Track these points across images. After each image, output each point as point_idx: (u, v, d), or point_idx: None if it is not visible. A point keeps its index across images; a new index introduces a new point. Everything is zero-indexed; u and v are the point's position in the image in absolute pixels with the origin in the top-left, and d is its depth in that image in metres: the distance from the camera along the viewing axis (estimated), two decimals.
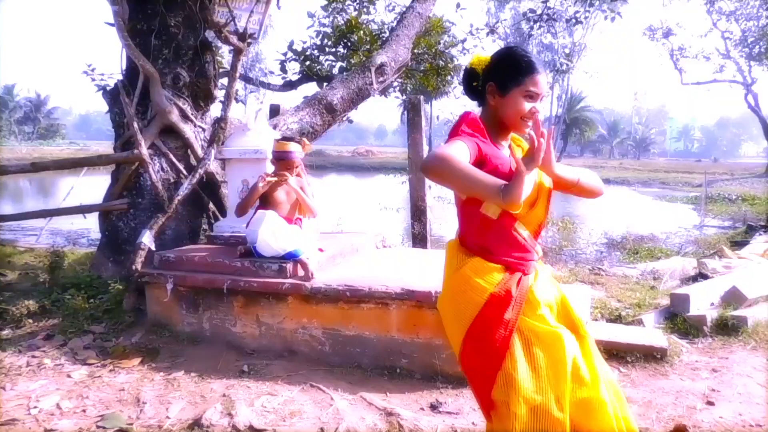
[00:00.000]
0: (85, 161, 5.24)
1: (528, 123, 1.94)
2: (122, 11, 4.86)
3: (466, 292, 1.93)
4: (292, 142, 4.04)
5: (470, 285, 1.93)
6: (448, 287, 2.03)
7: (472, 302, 1.92)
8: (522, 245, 1.96)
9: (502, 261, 1.94)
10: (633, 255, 9.18)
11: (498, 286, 1.90)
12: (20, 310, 4.31)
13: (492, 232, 1.94)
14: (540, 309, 1.93)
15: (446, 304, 2.04)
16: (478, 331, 1.91)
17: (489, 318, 1.89)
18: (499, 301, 1.89)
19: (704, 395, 3.30)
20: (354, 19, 9.84)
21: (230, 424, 2.89)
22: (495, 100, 1.96)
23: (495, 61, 1.98)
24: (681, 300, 4.55)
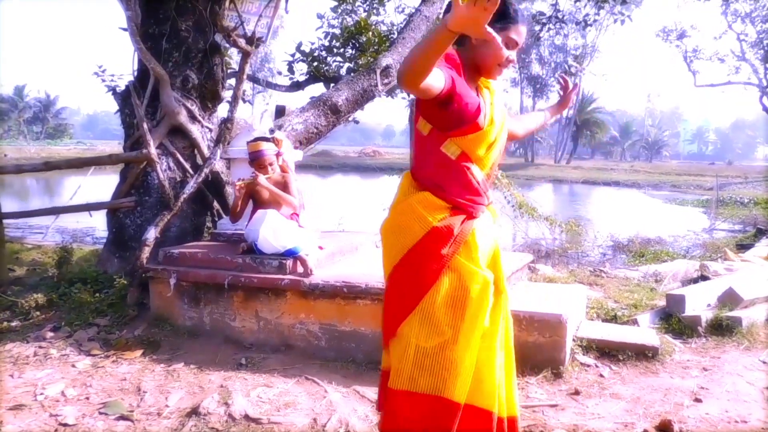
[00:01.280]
0: (95, 160, 5.38)
1: (502, 70, 1.99)
2: (135, 16, 4.99)
3: (409, 222, 1.97)
4: (263, 141, 4.19)
5: (414, 215, 1.96)
6: (393, 214, 2.07)
7: (412, 232, 1.96)
8: (475, 188, 2.00)
9: (453, 200, 1.97)
10: (639, 258, 9.19)
11: (441, 221, 1.94)
12: (28, 303, 4.45)
13: (447, 171, 1.98)
14: (476, 252, 1.97)
15: (387, 230, 2.07)
16: (412, 260, 1.96)
17: (425, 250, 1.94)
18: (440, 235, 1.93)
19: (692, 392, 3.36)
20: (363, 21, 9.92)
21: (226, 413, 2.99)
22: (477, 40, 1.93)
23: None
24: (676, 300, 4.59)
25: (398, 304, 2.01)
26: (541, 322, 3.60)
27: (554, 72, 47.32)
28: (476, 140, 1.96)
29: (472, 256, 1.96)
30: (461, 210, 1.98)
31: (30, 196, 21.94)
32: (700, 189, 28.81)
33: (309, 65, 9.96)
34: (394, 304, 2.03)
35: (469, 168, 1.98)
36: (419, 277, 1.94)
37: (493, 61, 1.96)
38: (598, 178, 36.28)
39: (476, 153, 1.98)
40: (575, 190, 30.44)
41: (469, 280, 1.94)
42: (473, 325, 1.92)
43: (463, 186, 1.98)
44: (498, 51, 1.93)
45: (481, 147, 1.98)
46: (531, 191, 22.96)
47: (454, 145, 1.94)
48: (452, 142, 1.95)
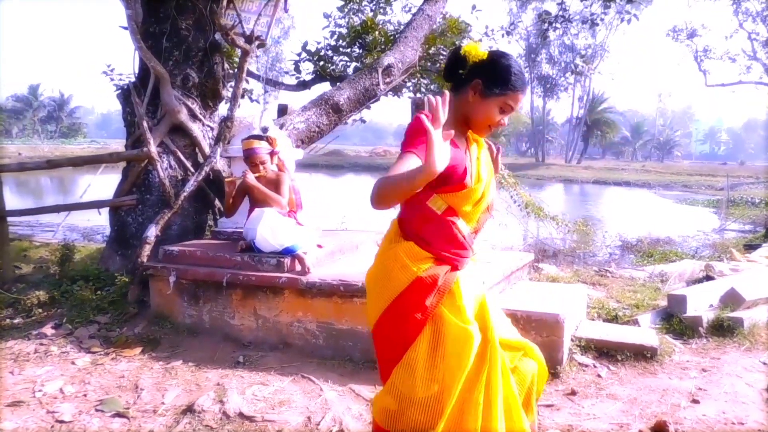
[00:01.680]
0: (97, 158, 5.42)
1: (491, 130, 1.99)
2: (136, 15, 5.02)
3: (393, 271, 1.95)
4: (256, 140, 4.23)
5: (399, 264, 1.94)
6: (378, 261, 2.05)
7: (396, 281, 1.93)
8: (460, 242, 1.98)
9: (437, 253, 1.96)
10: (647, 258, 9.13)
11: (426, 271, 1.92)
12: (31, 300, 4.48)
13: (433, 225, 1.96)
14: (460, 300, 1.94)
15: (373, 277, 2.06)
16: (396, 310, 1.94)
17: (409, 300, 1.92)
18: (423, 286, 1.91)
19: (690, 393, 3.33)
20: (370, 20, 9.91)
21: (221, 411, 3.00)
22: (474, 97, 1.95)
23: (492, 62, 1.96)
24: (678, 301, 4.56)
25: (386, 352, 2.01)
26: (538, 322, 3.58)
27: (564, 72, 47.09)
28: (463, 197, 1.95)
29: (457, 304, 1.94)
30: (446, 262, 1.97)
31: (45, 195, 22.20)
32: (712, 189, 28.63)
33: (315, 64, 9.98)
34: (382, 352, 2.03)
35: (455, 223, 1.96)
36: (404, 328, 1.93)
37: (485, 121, 1.97)
38: (608, 178, 36.12)
39: (462, 209, 1.97)
40: (586, 190, 30.32)
41: (452, 333, 1.91)
42: (454, 378, 1.89)
43: (447, 240, 1.97)
44: (491, 114, 1.95)
45: (468, 203, 1.97)
46: (541, 191, 22.91)
47: (441, 200, 1.93)
48: (439, 198, 1.93)
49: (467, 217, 1.99)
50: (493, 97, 1.93)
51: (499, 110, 1.95)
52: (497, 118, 1.96)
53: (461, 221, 1.98)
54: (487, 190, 2.03)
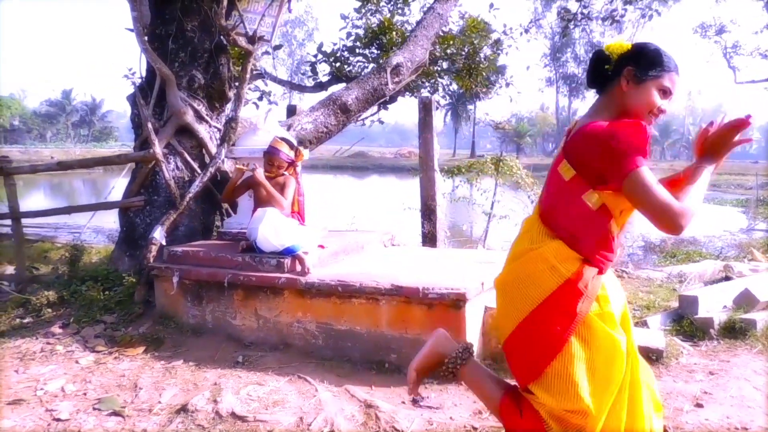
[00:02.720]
0: (105, 160, 5.49)
1: (652, 120, 1.89)
2: (142, 17, 5.08)
3: (541, 273, 1.85)
4: (286, 144, 4.25)
5: (546, 266, 1.84)
6: (518, 265, 1.95)
7: (542, 285, 1.84)
8: (610, 244, 1.89)
9: (586, 254, 1.85)
10: (670, 258, 8.97)
11: (576, 274, 1.82)
12: (40, 301, 4.56)
13: (586, 221, 1.86)
14: (608, 307, 1.86)
15: (510, 282, 1.96)
16: (541, 317, 1.83)
17: (559, 304, 1.82)
18: (573, 289, 1.81)
19: (695, 397, 3.24)
20: (387, 21, 9.90)
21: (213, 410, 3.01)
22: (628, 86, 1.88)
23: (640, 47, 1.93)
24: (689, 302, 4.45)
25: (528, 362, 1.89)
26: None
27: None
28: (621, 200, 1.83)
29: (604, 312, 1.85)
30: (593, 264, 1.86)
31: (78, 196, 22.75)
32: (741, 188, 27.99)
33: (331, 66, 10.00)
34: (524, 362, 1.92)
35: (609, 221, 1.86)
36: (551, 335, 1.82)
37: (645, 109, 1.88)
38: None
39: (616, 210, 1.87)
40: None
41: (602, 343, 1.82)
42: (609, 392, 1.81)
43: (599, 240, 1.87)
44: (651, 99, 1.87)
45: (622, 208, 1.87)
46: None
47: (597, 196, 1.83)
48: (595, 193, 1.83)
49: (620, 222, 1.90)
50: (650, 81, 1.86)
51: (660, 94, 1.88)
52: (658, 102, 1.87)
53: (614, 224, 1.88)
54: None
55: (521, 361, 1.93)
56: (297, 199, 4.37)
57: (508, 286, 1.97)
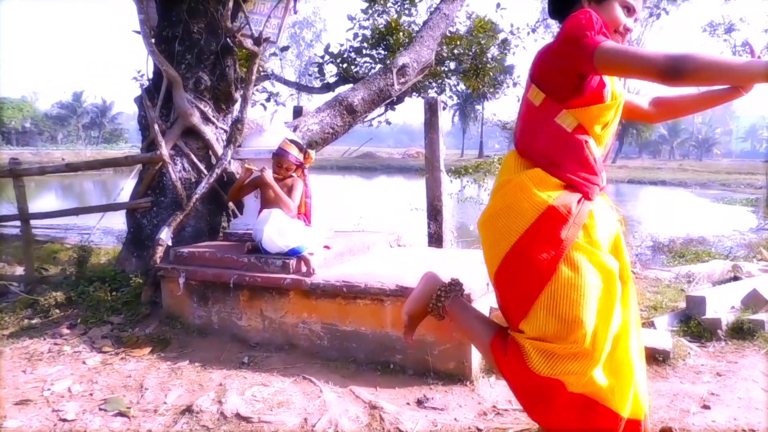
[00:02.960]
0: (112, 162, 5.52)
1: (619, 39, 1.83)
2: (149, 19, 5.11)
3: (520, 202, 1.78)
4: (295, 146, 4.26)
5: (526, 194, 1.77)
6: (498, 198, 1.88)
7: (525, 213, 1.76)
8: (591, 166, 1.81)
9: (567, 178, 1.78)
10: (679, 258, 8.92)
11: (558, 199, 1.74)
12: (48, 301, 4.59)
13: (562, 144, 1.79)
14: (596, 235, 1.78)
15: (491, 216, 1.88)
16: (526, 246, 1.75)
17: (542, 233, 1.74)
18: (557, 216, 1.73)
19: (702, 399, 3.22)
20: (394, 21, 9.90)
21: (218, 411, 3.01)
22: (590, 5, 1.82)
23: None
24: (696, 302, 4.42)
25: (517, 295, 1.81)
26: None
27: None
28: (597, 114, 1.79)
29: (593, 239, 1.76)
30: (576, 189, 1.79)
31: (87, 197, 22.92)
32: (751, 188, 27.83)
33: (338, 67, 10.01)
34: (512, 296, 1.83)
35: (587, 142, 1.79)
36: (537, 266, 1.73)
37: (610, 27, 1.80)
38: (644, 178, 35.40)
39: (593, 128, 1.80)
40: (620, 190, 29.74)
41: (594, 268, 1.74)
42: (603, 315, 1.73)
43: (579, 162, 1.79)
44: (615, 16, 1.82)
45: (599, 122, 1.81)
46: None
47: (571, 117, 1.77)
48: (568, 114, 1.77)
49: (597, 140, 1.83)
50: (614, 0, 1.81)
51: (623, 10, 1.82)
52: (623, 19, 1.82)
53: (592, 141, 1.81)
54: (617, 113, 1.87)
55: (510, 298, 1.85)
56: (304, 201, 4.38)
57: (490, 221, 1.88)
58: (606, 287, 1.74)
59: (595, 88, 1.77)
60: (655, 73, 1.61)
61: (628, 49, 1.66)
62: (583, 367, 1.72)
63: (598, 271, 1.74)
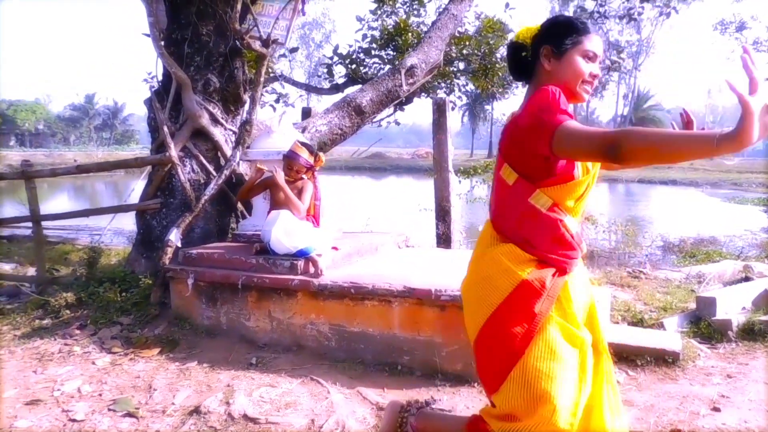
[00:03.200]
0: (122, 163, 5.56)
1: (587, 89, 1.81)
2: (158, 22, 5.14)
3: (495, 276, 1.79)
4: (307, 149, 4.27)
5: (500, 268, 1.78)
6: (475, 268, 1.91)
7: (500, 286, 1.77)
8: (568, 242, 1.79)
9: (542, 256, 1.78)
10: (689, 258, 8.86)
11: (531, 274, 1.75)
12: (58, 302, 4.62)
13: (536, 224, 1.78)
14: (570, 308, 1.79)
15: (471, 285, 1.91)
16: (501, 318, 1.76)
17: (516, 306, 1.75)
18: (530, 290, 1.74)
19: (712, 401, 3.20)
20: (403, 22, 9.90)
21: (226, 412, 3.03)
22: (551, 64, 1.81)
23: (549, 24, 1.87)
24: (707, 303, 4.39)
25: (491, 366, 1.83)
26: None
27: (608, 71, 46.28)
28: (568, 191, 1.77)
29: (567, 312, 1.78)
30: (550, 264, 1.78)
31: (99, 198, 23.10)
32: (763, 187, 27.56)
33: (347, 68, 10.02)
34: (487, 366, 1.85)
35: (562, 221, 1.77)
36: (511, 339, 1.75)
37: (574, 80, 1.79)
38: (654, 177, 35.17)
39: (566, 203, 1.78)
40: (630, 190, 29.60)
41: (566, 342, 1.75)
42: (578, 394, 1.74)
43: (554, 240, 1.78)
44: (577, 69, 1.78)
45: (572, 197, 1.79)
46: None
47: (545, 196, 1.75)
48: (542, 193, 1.75)
49: (572, 212, 1.80)
50: (570, 50, 1.79)
51: (585, 60, 1.79)
52: (586, 69, 1.79)
53: (569, 218, 1.79)
54: (592, 182, 1.84)
55: (487, 367, 1.86)
56: (313, 203, 4.39)
57: (469, 289, 1.92)
58: (579, 361, 1.76)
59: (566, 165, 1.75)
60: (600, 155, 1.56)
61: (578, 131, 1.59)
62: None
63: (571, 345, 1.75)
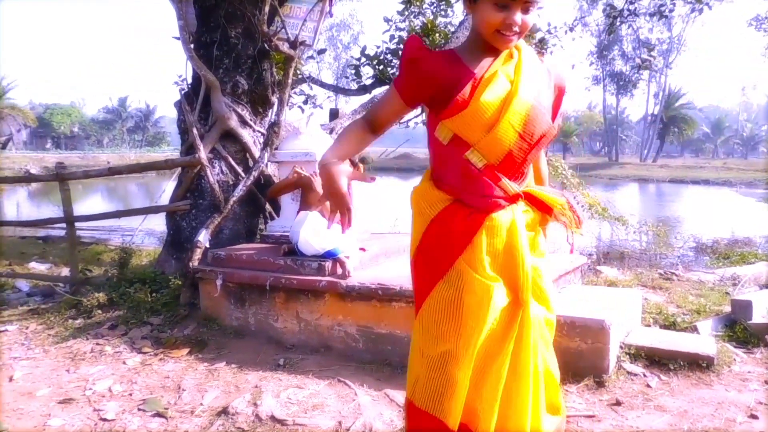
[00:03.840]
0: (153, 165, 5.64)
1: (505, 38, 1.65)
2: (188, 25, 5.20)
3: (414, 217, 1.82)
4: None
5: (417, 209, 1.81)
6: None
7: (416, 228, 1.81)
8: (478, 179, 1.70)
9: (452, 193, 1.73)
10: (723, 260, 8.66)
11: (440, 214, 1.74)
12: (91, 302, 4.71)
13: (444, 159, 1.74)
14: (480, 254, 1.71)
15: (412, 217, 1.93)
16: (416, 260, 1.83)
17: (426, 247, 1.77)
18: (437, 231, 1.74)
19: (749, 408, 3.11)
20: (430, 22, 9.87)
21: (254, 413, 3.04)
22: (470, 9, 1.70)
23: None
24: (742, 307, 4.28)
25: (415, 301, 1.89)
26: (582, 328, 3.44)
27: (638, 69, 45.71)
28: (467, 121, 1.66)
29: (477, 257, 1.69)
30: (465, 204, 1.71)
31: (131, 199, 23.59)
32: None
33: (375, 69, 10.02)
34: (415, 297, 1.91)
35: (464, 155, 1.69)
36: (421, 280, 1.80)
37: (486, 29, 1.65)
38: (686, 177, 34.61)
39: (472, 137, 1.67)
40: (661, 190, 29.14)
41: (467, 286, 1.70)
42: (470, 338, 1.69)
43: (461, 177, 1.70)
44: (487, 18, 1.64)
45: (475, 129, 1.66)
46: (614, 191, 22.13)
47: (446, 129, 1.69)
48: (443, 125, 1.70)
49: (485, 149, 1.68)
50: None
51: (494, 9, 1.62)
52: (496, 18, 1.62)
53: (475, 154, 1.68)
54: (508, 114, 1.66)
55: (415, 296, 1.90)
56: None
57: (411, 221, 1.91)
58: (477, 306, 1.70)
59: (469, 93, 1.66)
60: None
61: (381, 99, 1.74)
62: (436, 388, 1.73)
63: (475, 289, 1.70)
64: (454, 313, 1.71)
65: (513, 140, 1.67)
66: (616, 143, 55.85)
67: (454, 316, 1.71)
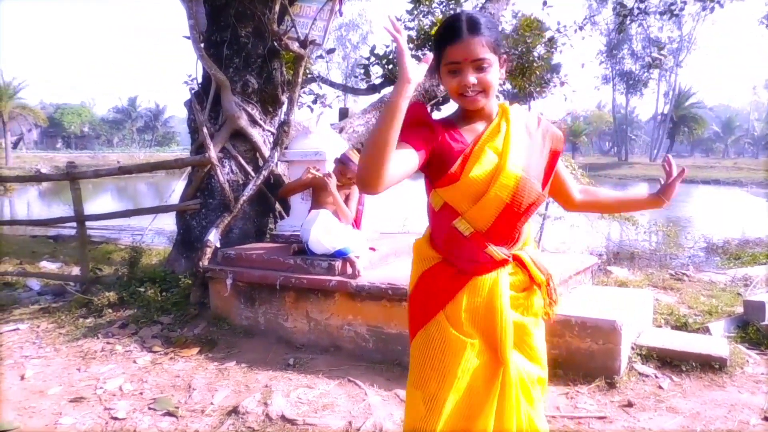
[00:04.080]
0: (163, 164, 5.65)
1: (467, 96, 1.68)
2: (198, 24, 5.21)
3: (412, 266, 1.88)
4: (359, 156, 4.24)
5: (414, 259, 1.88)
6: None
7: (412, 277, 1.86)
8: (464, 245, 1.75)
9: (443, 254, 1.79)
10: (734, 260, 8.60)
11: (430, 269, 1.81)
12: (101, 301, 4.72)
13: (435, 223, 1.82)
14: (460, 311, 1.75)
15: None
16: (409, 306, 1.87)
17: (415, 297, 1.83)
18: (425, 284, 1.80)
19: (762, 410, 3.08)
20: (439, 21, 9.87)
21: (264, 413, 3.04)
22: (439, 79, 1.76)
23: None
24: (755, 308, 4.24)
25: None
26: (593, 328, 3.42)
27: (648, 68, 45.40)
28: (456, 192, 1.72)
29: (455, 313, 1.75)
30: (451, 264, 1.78)
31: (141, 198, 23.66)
32: None
33: (384, 68, 10.01)
34: None
35: (452, 222, 1.74)
36: (411, 321, 1.85)
37: (453, 95, 1.73)
38: (695, 177, 34.32)
39: (461, 206, 1.73)
40: None
41: (446, 339, 1.75)
42: (441, 388, 1.75)
43: (450, 241, 1.77)
44: (447, 85, 1.71)
45: (464, 200, 1.72)
46: (624, 191, 21.99)
47: (438, 197, 1.76)
48: (435, 194, 1.77)
49: (472, 219, 1.73)
50: (441, 67, 1.70)
51: (449, 76, 1.68)
52: (452, 83, 1.68)
53: (462, 222, 1.73)
54: (495, 187, 1.70)
55: None
56: (357, 209, 4.38)
57: None
58: (453, 358, 1.74)
59: (459, 166, 1.72)
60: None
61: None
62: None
63: (446, 346, 1.75)
64: (431, 362, 1.79)
65: (500, 210, 1.73)
66: (625, 143, 55.62)
67: (432, 364, 1.78)
